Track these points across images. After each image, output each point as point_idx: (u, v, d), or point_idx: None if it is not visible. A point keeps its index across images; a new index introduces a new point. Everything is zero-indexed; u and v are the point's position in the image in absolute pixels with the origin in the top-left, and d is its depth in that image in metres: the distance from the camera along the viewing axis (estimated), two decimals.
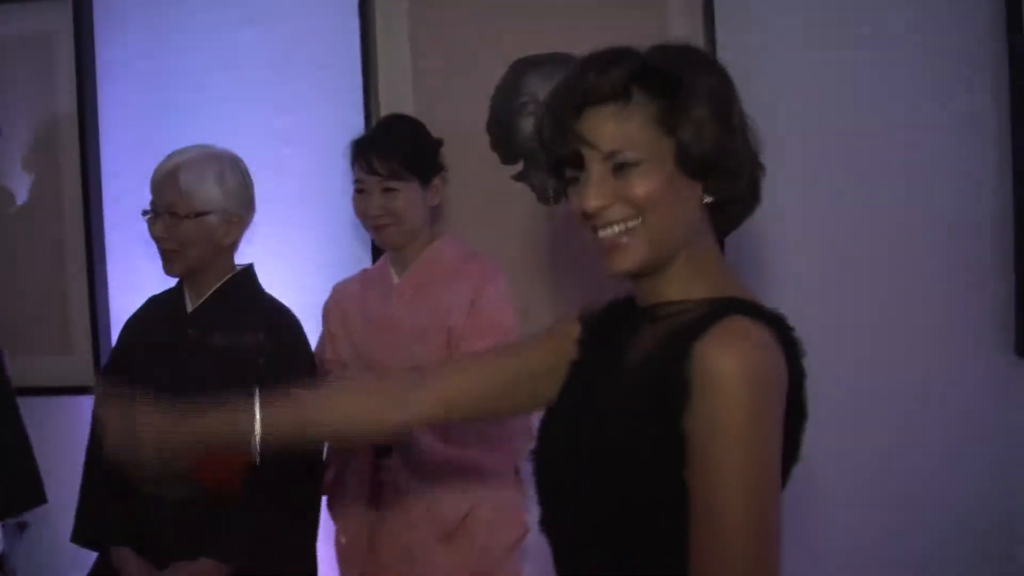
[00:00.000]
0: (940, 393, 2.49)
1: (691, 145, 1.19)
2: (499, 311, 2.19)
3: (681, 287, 1.24)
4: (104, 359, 2.60)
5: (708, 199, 1.23)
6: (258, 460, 1.47)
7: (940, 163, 2.48)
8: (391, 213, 2.19)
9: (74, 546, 2.21)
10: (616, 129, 1.19)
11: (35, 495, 2.30)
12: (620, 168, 1.20)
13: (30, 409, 2.66)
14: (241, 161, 2.25)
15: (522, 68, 2.53)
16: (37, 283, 2.75)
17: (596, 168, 1.21)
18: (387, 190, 2.18)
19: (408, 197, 2.20)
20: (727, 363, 1.11)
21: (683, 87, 1.19)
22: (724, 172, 1.21)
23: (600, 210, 1.21)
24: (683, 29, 2.45)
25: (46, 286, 2.74)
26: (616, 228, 1.21)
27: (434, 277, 2.24)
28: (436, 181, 2.25)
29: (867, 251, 2.50)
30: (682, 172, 1.20)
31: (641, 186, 1.19)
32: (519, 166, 2.54)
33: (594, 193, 1.21)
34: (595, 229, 1.23)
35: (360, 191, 2.21)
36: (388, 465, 2.18)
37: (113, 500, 2.16)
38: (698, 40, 2.44)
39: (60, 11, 2.68)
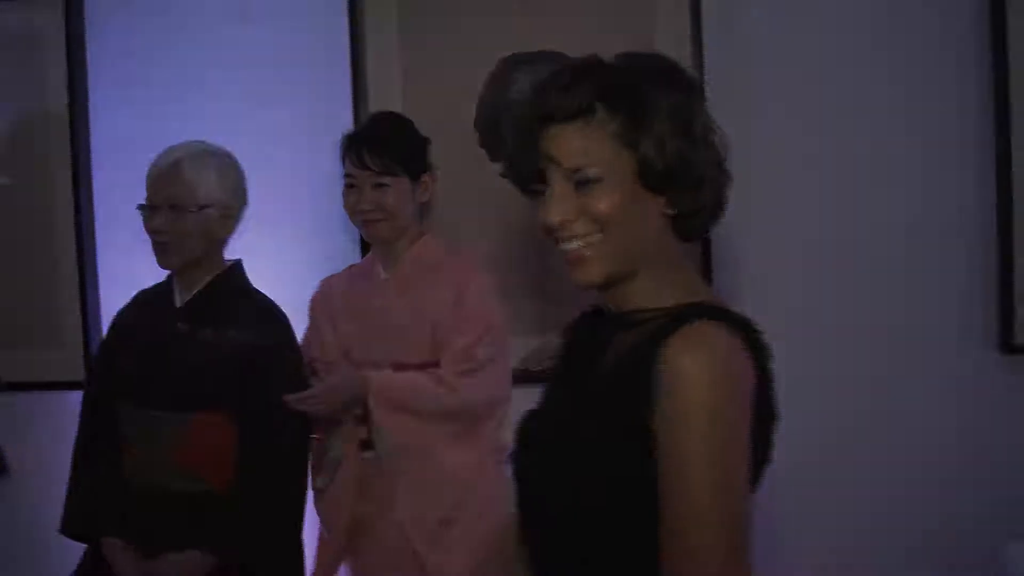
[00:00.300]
0: (923, 390, 2.50)
1: (652, 161, 1.20)
2: (483, 307, 2.21)
3: (650, 295, 1.26)
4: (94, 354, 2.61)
5: (671, 212, 1.24)
6: None
7: (922, 163, 2.50)
8: (381, 208, 2.21)
9: (62, 538, 2.21)
10: (579, 146, 1.21)
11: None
12: (583, 184, 1.22)
13: (20, 404, 2.69)
14: (235, 157, 2.27)
15: (510, 65, 2.54)
16: (27, 278, 2.75)
17: (559, 184, 1.23)
18: (378, 185, 2.20)
19: (398, 192, 2.22)
20: (690, 365, 1.13)
21: (645, 103, 1.20)
22: (686, 185, 1.22)
23: (563, 225, 1.23)
24: (670, 26, 2.48)
25: (36, 281, 2.74)
26: (579, 242, 1.23)
27: (420, 273, 2.25)
28: (425, 178, 2.27)
29: (850, 250, 2.52)
30: (644, 187, 1.22)
31: (603, 202, 1.21)
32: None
33: (556, 208, 1.23)
34: (559, 242, 1.25)
35: (351, 186, 2.23)
36: (368, 460, 2.20)
37: (102, 492, 2.18)
38: (684, 37, 2.46)
39: (51, 8, 2.68)
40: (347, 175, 2.24)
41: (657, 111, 1.20)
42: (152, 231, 2.18)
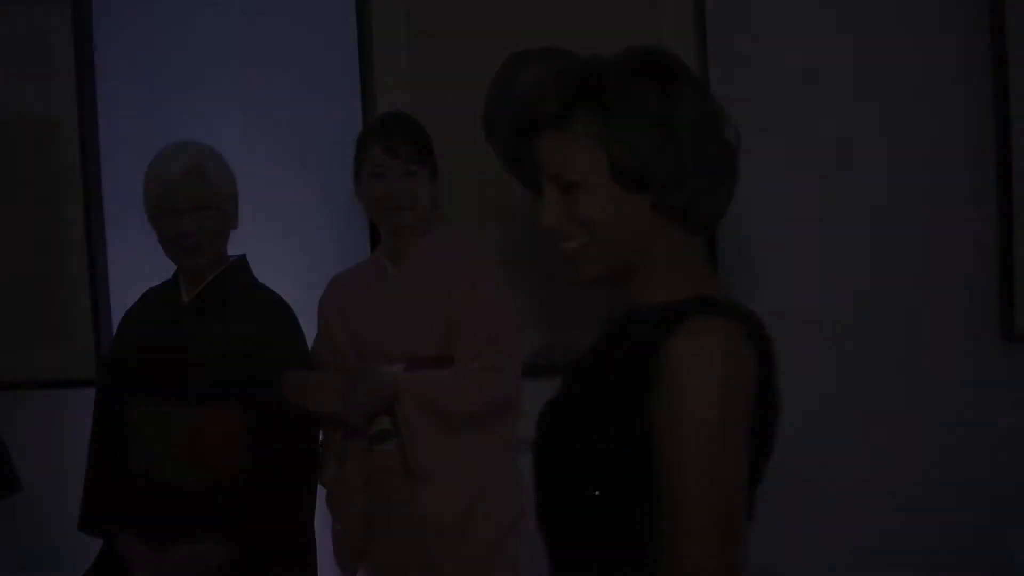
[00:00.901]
0: (927, 379, 2.53)
1: (622, 161, 1.21)
2: (495, 301, 2.22)
3: (655, 290, 1.27)
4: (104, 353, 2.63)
5: (658, 207, 1.25)
6: None
7: (924, 155, 2.52)
8: (410, 196, 2.24)
9: (77, 534, 2.24)
10: (557, 152, 1.25)
11: (10, 484, 2.34)
12: (566, 189, 1.25)
13: (32, 402, 2.70)
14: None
15: (517, 62, 2.54)
16: (37, 276, 2.76)
17: (548, 188, 1.27)
18: (408, 173, 2.23)
19: (423, 182, 2.26)
20: (690, 360, 1.14)
21: (615, 104, 1.21)
22: (663, 181, 1.22)
23: (553, 228, 1.27)
24: (675, 25, 2.49)
25: (46, 279, 2.76)
26: (572, 243, 1.26)
27: (431, 267, 2.27)
28: (436, 176, 2.30)
29: (854, 240, 2.54)
30: (621, 186, 1.23)
31: (586, 206, 1.24)
32: None
33: (545, 212, 1.27)
34: (557, 241, 1.28)
35: (379, 175, 2.24)
36: (383, 454, 2.21)
37: (117, 487, 2.20)
38: (688, 37, 2.47)
39: (59, 8, 2.69)
40: (376, 165, 2.24)
41: (627, 110, 1.21)
42: (180, 234, 2.19)
